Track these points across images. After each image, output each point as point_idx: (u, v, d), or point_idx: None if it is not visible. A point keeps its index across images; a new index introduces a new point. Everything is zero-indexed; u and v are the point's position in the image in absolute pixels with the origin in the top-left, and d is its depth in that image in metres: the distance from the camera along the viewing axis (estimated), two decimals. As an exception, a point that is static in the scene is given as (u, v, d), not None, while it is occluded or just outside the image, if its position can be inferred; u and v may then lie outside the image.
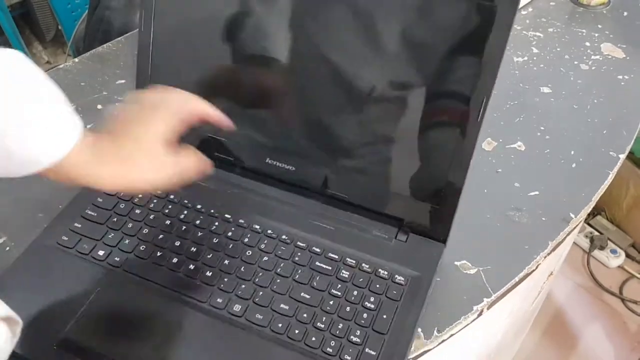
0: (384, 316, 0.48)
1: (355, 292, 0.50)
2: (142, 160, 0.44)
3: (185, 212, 0.57)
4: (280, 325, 0.48)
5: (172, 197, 0.58)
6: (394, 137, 0.55)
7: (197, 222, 0.56)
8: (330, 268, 0.52)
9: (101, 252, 0.54)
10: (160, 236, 0.55)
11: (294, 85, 0.57)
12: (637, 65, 0.81)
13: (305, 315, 0.49)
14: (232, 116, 0.50)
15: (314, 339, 0.47)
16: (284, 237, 0.55)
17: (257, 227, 0.55)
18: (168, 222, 0.56)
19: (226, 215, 0.57)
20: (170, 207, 0.58)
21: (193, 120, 0.47)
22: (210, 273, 0.52)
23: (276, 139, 0.59)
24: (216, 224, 0.56)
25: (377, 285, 0.51)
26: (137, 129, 0.45)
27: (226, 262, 0.53)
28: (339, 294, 0.50)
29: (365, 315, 0.49)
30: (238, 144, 0.60)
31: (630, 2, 0.94)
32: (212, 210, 0.57)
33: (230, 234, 0.55)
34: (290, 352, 0.47)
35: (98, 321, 0.50)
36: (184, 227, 0.56)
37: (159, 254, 0.54)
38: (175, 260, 0.53)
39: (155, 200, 0.58)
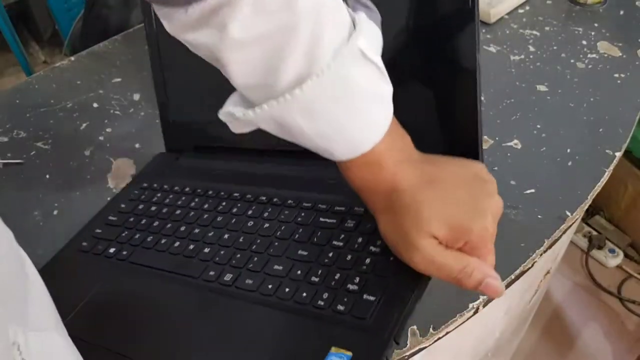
0: (391, 258, 0.43)
1: (360, 239, 0.46)
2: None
3: (197, 199, 0.57)
4: (270, 286, 0.45)
5: (187, 189, 0.59)
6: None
7: (205, 206, 0.56)
8: (334, 221, 0.49)
9: (112, 250, 0.55)
10: (168, 225, 0.56)
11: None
12: (633, 64, 0.81)
13: (299, 272, 0.46)
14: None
15: (304, 294, 0.44)
16: (289, 201, 0.53)
17: (264, 198, 0.54)
18: (179, 211, 0.57)
19: (234, 194, 0.56)
20: (183, 198, 0.58)
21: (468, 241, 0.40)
22: (208, 249, 0.51)
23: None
24: (223, 203, 0.55)
25: None
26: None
27: (226, 236, 0.52)
28: (341, 244, 0.46)
29: (368, 260, 0.44)
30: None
31: (626, 0, 0.94)
32: (222, 193, 0.57)
33: (235, 210, 0.54)
34: (276, 312, 0.44)
35: (96, 310, 0.50)
36: (191, 213, 0.56)
37: (163, 241, 0.54)
38: (177, 244, 0.53)
39: (171, 196, 0.59)
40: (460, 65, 0.49)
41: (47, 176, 0.66)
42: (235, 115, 0.39)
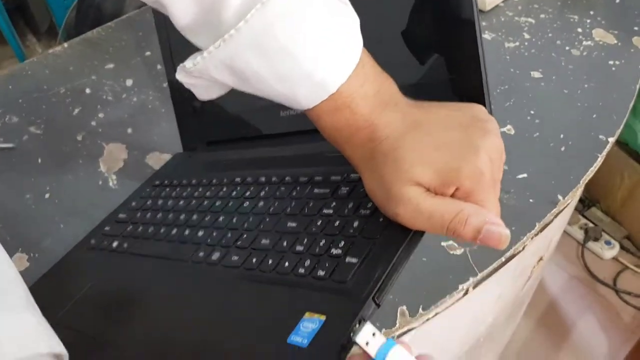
0: (381, 219, 0.40)
1: (351, 204, 0.43)
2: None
3: (200, 189, 0.57)
4: (254, 260, 0.44)
5: (193, 181, 0.59)
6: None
7: (207, 193, 0.56)
8: (327, 190, 0.46)
9: (115, 244, 0.55)
10: (170, 215, 0.55)
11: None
12: (628, 51, 0.80)
13: (285, 243, 0.43)
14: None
15: (287, 264, 0.41)
16: (287, 178, 0.51)
17: (263, 179, 0.53)
18: (181, 202, 0.57)
19: (236, 180, 0.55)
20: (188, 189, 0.58)
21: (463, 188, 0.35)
22: (202, 232, 0.51)
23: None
24: (224, 189, 0.55)
25: None
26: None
27: (221, 218, 0.51)
28: (331, 211, 0.44)
29: (356, 223, 0.41)
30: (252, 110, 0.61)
31: (622, -12, 0.94)
32: (225, 180, 0.56)
33: (234, 193, 0.53)
34: (257, 285, 0.42)
35: (91, 301, 0.50)
36: (192, 202, 0.56)
37: (162, 230, 0.54)
38: (174, 231, 0.53)
39: (177, 189, 0.59)
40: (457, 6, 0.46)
41: (39, 160, 0.66)
42: (186, 67, 0.36)
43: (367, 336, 0.33)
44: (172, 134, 0.67)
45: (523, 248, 0.56)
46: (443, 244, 0.56)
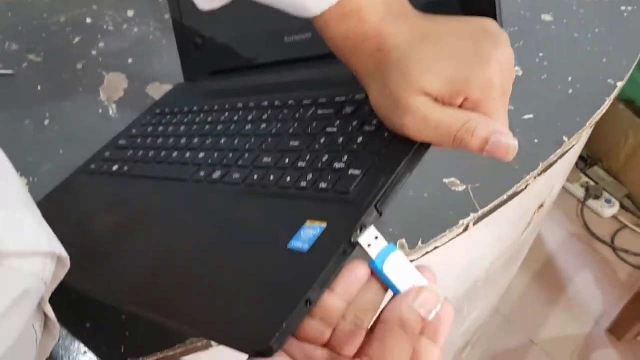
0: (385, 134, 0.39)
1: (355, 122, 0.42)
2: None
3: (202, 115, 0.56)
4: (255, 177, 0.44)
5: (195, 109, 0.58)
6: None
7: (209, 119, 0.55)
8: (332, 111, 0.45)
9: (115, 167, 0.55)
10: (171, 140, 0.55)
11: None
12: (643, -3, 0.79)
13: (287, 160, 0.43)
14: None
15: (289, 179, 0.41)
16: (290, 102, 0.50)
17: (266, 103, 0.52)
18: (183, 128, 0.56)
19: (238, 105, 0.55)
20: (189, 116, 0.57)
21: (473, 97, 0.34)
22: (203, 154, 0.50)
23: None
24: (226, 114, 0.54)
25: None
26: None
27: (222, 141, 0.51)
28: (335, 129, 0.43)
29: (360, 139, 0.40)
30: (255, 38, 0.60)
31: None
32: (227, 106, 0.55)
33: (236, 118, 0.53)
34: (258, 198, 0.42)
35: (90, 221, 0.50)
36: (194, 127, 0.55)
37: (163, 154, 0.54)
38: (175, 154, 0.53)
39: (178, 116, 0.58)
40: None
41: (39, 87, 0.65)
42: None
43: (370, 238, 0.33)
44: (173, 65, 0.66)
45: (525, 187, 0.56)
46: (445, 180, 0.55)
